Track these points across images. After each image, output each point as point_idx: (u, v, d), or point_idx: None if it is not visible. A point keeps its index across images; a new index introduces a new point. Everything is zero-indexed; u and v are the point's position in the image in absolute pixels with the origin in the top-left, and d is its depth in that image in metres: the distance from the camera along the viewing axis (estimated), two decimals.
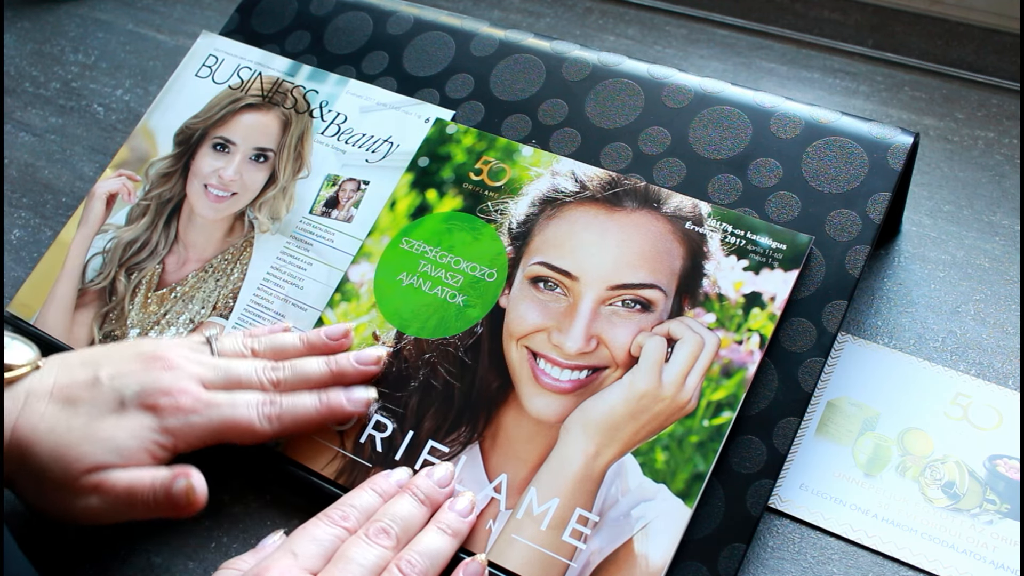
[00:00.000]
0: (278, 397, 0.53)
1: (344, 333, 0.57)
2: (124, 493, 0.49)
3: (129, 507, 0.49)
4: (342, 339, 0.57)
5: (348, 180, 0.64)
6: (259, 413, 0.52)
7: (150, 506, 0.49)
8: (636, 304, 0.54)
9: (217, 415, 0.51)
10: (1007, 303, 0.59)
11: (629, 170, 0.59)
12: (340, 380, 0.55)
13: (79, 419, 0.50)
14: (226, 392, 0.52)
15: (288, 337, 0.57)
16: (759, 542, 0.52)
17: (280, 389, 0.54)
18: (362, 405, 0.54)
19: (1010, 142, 0.68)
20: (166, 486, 0.49)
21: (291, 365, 0.55)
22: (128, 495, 0.49)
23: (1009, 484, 0.52)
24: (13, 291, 0.67)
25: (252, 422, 0.51)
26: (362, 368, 0.55)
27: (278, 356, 0.56)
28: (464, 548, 0.50)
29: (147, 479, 0.49)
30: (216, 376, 0.53)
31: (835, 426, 0.55)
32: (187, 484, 0.49)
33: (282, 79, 0.69)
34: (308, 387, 0.54)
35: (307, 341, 0.57)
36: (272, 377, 0.54)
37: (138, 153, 0.69)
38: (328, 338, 0.57)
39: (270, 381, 0.54)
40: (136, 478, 0.49)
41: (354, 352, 0.56)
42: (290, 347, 0.56)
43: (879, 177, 0.55)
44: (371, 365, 0.55)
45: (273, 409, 0.52)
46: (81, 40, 0.87)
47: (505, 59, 0.65)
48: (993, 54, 0.74)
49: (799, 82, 0.74)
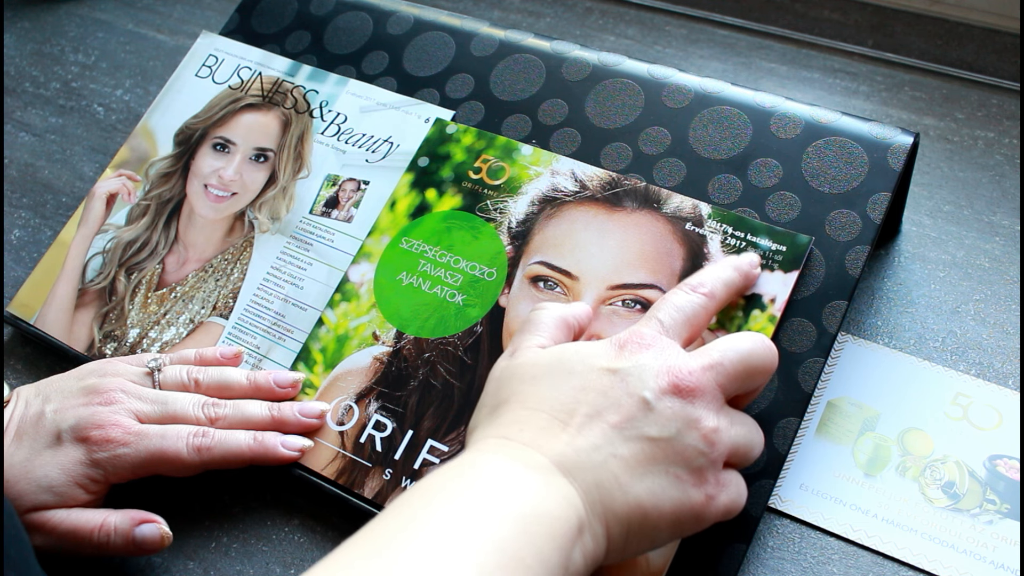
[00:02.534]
0: (211, 430, 0.52)
1: (293, 383, 0.56)
2: (67, 535, 0.50)
3: (75, 547, 0.50)
4: (289, 388, 0.56)
5: (348, 180, 0.64)
6: (188, 444, 0.51)
7: (100, 548, 0.50)
8: (636, 304, 0.54)
9: (145, 447, 0.51)
10: (1007, 303, 0.59)
11: (629, 170, 0.59)
12: (280, 429, 0.54)
13: (21, 454, 0.51)
14: (159, 425, 0.52)
15: (235, 374, 0.56)
16: (759, 542, 0.52)
17: (217, 427, 0.53)
18: (296, 452, 0.53)
19: (1010, 142, 0.68)
20: (125, 533, 0.50)
21: (233, 404, 0.54)
22: (72, 537, 0.50)
23: (1009, 484, 0.52)
24: (13, 291, 0.67)
25: (180, 453, 0.51)
26: (304, 420, 0.54)
27: (222, 392, 0.55)
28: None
29: (93, 523, 0.50)
30: (152, 410, 0.53)
31: (835, 426, 0.55)
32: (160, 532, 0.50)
33: (282, 79, 0.69)
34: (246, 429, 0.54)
35: (254, 382, 0.56)
36: (211, 414, 0.54)
37: (138, 153, 0.69)
38: (276, 384, 0.56)
39: (208, 418, 0.53)
40: (80, 522, 0.50)
41: (298, 403, 0.55)
42: (235, 385, 0.56)
43: (879, 177, 0.55)
44: (313, 418, 0.55)
45: (204, 441, 0.52)
46: (81, 40, 0.87)
47: (505, 59, 0.65)
48: (993, 54, 0.74)
49: (799, 82, 0.74)
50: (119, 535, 0.50)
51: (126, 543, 0.50)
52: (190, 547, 0.54)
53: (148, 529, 0.50)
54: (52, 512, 0.50)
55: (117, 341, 0.62)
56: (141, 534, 0.50)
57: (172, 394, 0.54)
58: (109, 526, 0.50)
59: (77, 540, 0.50)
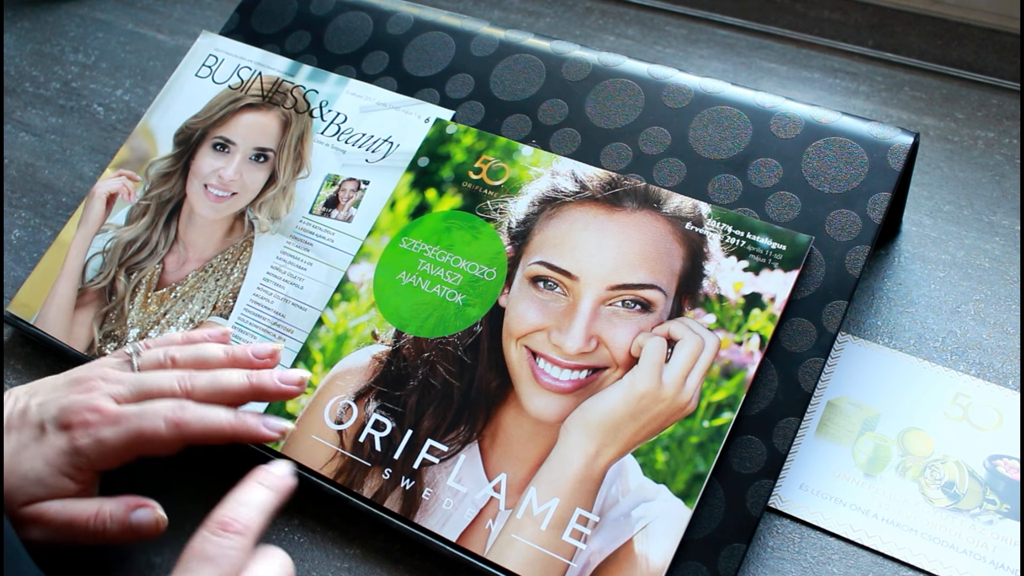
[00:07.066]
0: (190, 404, 0.51)
1: (271, 353, 0.56)
2: (64, 526, 0.50)
3: (72, 537, 0.50)
4: (267, 358, 0.55)
5: (348, 180, 0.64)
6: (165, 420, 0.50)
7: (98, 536, 0.50)
8: (636, 304, 0.54)
9: (124, 428, 0.50)
10: (1007, 303, 0.59)
11: (629, 170, 0.59)
12: (259, 395, 0.54)
13: (9, 447, 0.50)
14: (137, 404, 0.52)
15: (213, 348, 0.56)
16: (759, 542, 0.52)
17: (194, 398, 0.52)
18: (277, 431, 0.53)
19: (1010, 142, 0.68)
20: (121, 519, 0.50)
21: (210, 375, 0.53)
22: (68, 527, 0.50)
23: (1009, 484, 0.52)
24: (13, 291, 0.67)
25: (158, 430, 0.50)
26: (283, 387, 0.54)
27: (199, 366, 0.55)
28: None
29: (88, 512, 0.50)
30: (129, 390, 0.52)
31: (835, 426, 0.55)
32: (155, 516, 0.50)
33: (282, 79, 0.69)
34: (225, 399, 0.53)
35: (232, 355, 0.55)
36: (187, 386, 0.53)
37: (138, 153, 0.69)
38: (254, 356, 0.55)
39: (183, 389, 0.52)
40: (75, 511, 0.50)
41: (278, 371, 0.54)
42: (212, 358, 0.55)
43: (879, 177, 0.55)
44: (293, 385, 0.54)
45: (183, 415, 0.51)
46: (81, 40, 0.87)
47: (505, 59, 0.65)
48: (993, 54, 0.74)
49: (799, 82, 0.74)
50: (115, 521, 0.50)
51: (122, 529, 0.50)
52: None
53: (143, 514, 0.50)
54: (47, 504, 0.50)
55: (117, 341, 0.62)
56: (136, 519, 0.50)
57: (149, 373, 0.54)
58: (104, 513, 0.50)
59: (74, 530, 0.50)
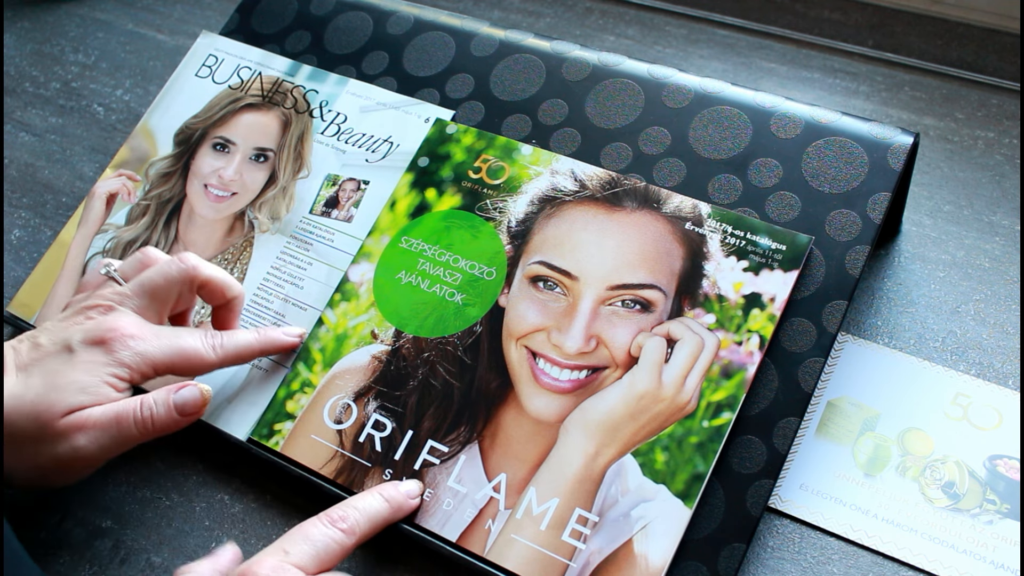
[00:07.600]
0: (218, 332, 0.55)
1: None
2: (111, 424, 0.50)
3: (120, 434, 0.50)
4: None
5: (348, 180, 0.64)
6: (203, 343, 0.54)
7: (146, 426, 0.51)
8: (636, 304, 0.54)
9: (166, 343, 0.53)
10: (1007, 303, 0.59)
11: (629, 170, 0.59)
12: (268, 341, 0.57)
13: (35, 379, 0.50)
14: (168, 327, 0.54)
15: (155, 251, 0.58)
16: (759, 542, 0.52)
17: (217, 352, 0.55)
18: (295, 337, 0.58)
19: (1010, 142, 0.68)
20: (165, 400, 0.51)
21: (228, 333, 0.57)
22: (116, 424, 0.50)
23: (1009, 484, 0.52)
24: (13, 291, 0.67)
25: (199, 348, 0.54)
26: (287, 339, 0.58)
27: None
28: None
29: (132, 404, 0.51)
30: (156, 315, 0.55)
31: (835, 426, 0.55)
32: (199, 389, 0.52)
33: (282, 79, 0.69)
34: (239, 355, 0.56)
35: None
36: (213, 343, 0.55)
37: (138, 153, 0.69)
38: None
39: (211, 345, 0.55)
40: (120, 407, 0.50)
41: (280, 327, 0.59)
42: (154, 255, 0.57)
43: (879, 177, 0.55)
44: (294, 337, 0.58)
45: (216, 340, 0.55)
46: (81, 40, 0.87)
47: (505, 59, 0.65)
48: (993, 54, 0.74)
49: (799, 82, 0.74)
50: (160, 404, 0.51)
51: (168, 413, 0.51)
52: (190, 547, 0.54)
53: (187, 391, 0.52)
54: (89, 410, 0.50)
55: None
56: (181, 397, 0.52)
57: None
58: (148, 400, 0.51)
59: (120, 426, 0.50)
